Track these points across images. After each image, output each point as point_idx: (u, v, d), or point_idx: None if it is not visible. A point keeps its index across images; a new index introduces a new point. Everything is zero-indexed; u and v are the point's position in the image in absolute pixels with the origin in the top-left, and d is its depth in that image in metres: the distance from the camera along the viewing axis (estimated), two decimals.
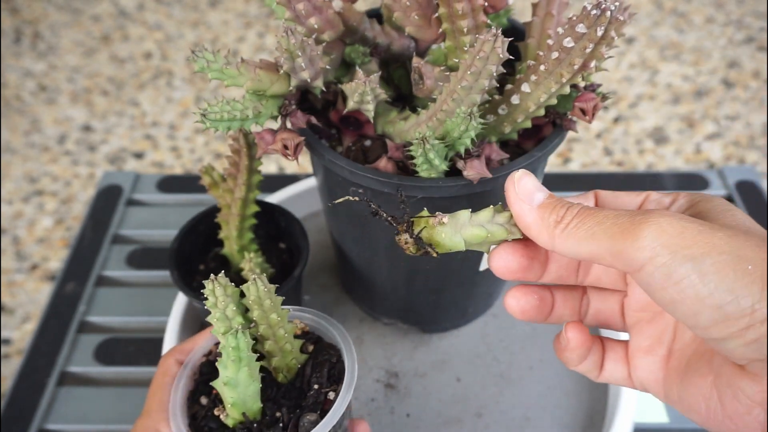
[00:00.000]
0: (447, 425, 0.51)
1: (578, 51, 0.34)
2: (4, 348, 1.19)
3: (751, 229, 0.28)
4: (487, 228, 0.33)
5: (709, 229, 0.26)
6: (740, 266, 0.25)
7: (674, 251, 0.25)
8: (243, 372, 0.34)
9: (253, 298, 0.36)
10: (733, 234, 0.26)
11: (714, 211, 0.29)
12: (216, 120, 0.38)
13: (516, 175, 0.31)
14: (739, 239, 0.26)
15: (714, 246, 0.25)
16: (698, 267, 0.25)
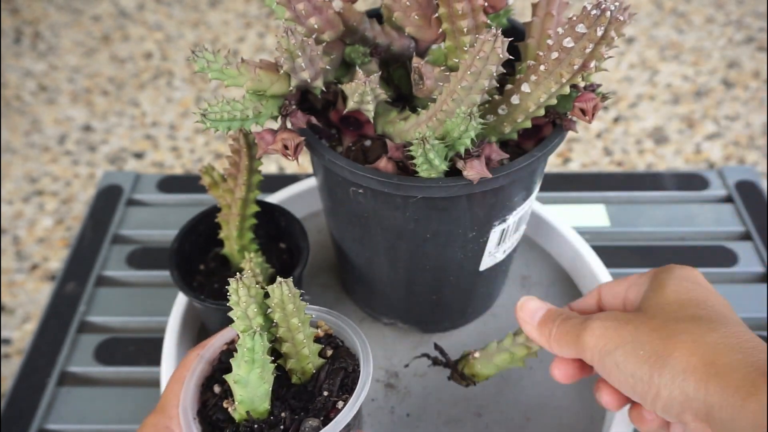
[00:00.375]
0: (447, 425, 0.51)
1: (578, 51, 0.34)
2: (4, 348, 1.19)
3: (682, 303, 0.35)
4: (511, 350, 0.45)
5: (623, 324, 0.34)
6: (636, 352, 0.33)
7: (599, 350, 0.35)
8: (254, 373, 0.34)
9: (276, 301, 0.35)
10: (640, 321, 0.34)
11: (667, 280, 0.37)
12: (216, 120, 0.38)
13: (520, 302, 0.42)
14: (642, 326, 0.34)
15: (622, 338, 0.34)
16: (613, 359, 0.34)
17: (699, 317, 0.33)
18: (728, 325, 0.32)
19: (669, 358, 0.31)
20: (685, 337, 0.32)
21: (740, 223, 0.68)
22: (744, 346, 0.31)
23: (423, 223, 0.43)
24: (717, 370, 0.30)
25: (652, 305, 0.35)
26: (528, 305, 0.41)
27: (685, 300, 0.35)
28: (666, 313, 0.34)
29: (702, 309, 0.34)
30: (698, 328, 0.32)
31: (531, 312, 0.41)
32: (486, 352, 0.45)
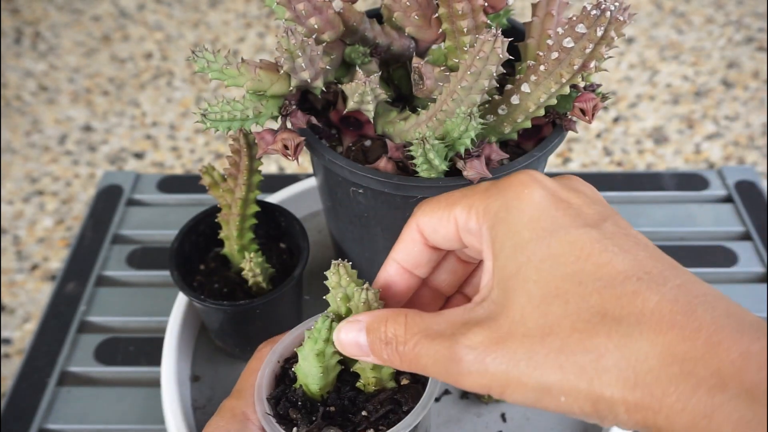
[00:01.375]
0: (447, 425, 0.51)
1: (578, 51, 0.34)
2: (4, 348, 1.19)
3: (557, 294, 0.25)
4: None
5: (518, 358, 0.25)
6: (544, 397, 0.25)
7: (502, 392, 0.26)
8: (312, 351, 0.34)
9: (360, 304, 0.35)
10: (535, 353, 0.25)
11: (521, 245, 0.27)
12: (216, 120, 0.38)
13: (336, 342, 0.32)
14: (539, 358, 0.25)
15: (525, 383, 0.25)
16: (530, 402, 0.26)
17: (599, 314, 0.24)
18: (645, 315, 0.24)
19: (601, 399, 0.24)
20: (606, 365, 0.23)
21: (740, 223, 0.68)
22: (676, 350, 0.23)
23: None
24: (661, 406, 0.23)
25: (520, 302, 0.26)
26: (342, 340, 0.32)
27: (562, 278, 0.25)
28: (554, 322, 0.25)
29: (595, 292, 0.25)
30: (612, 338, 0.24)
31: (352, 344, 0.31)
32: None
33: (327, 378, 0.36)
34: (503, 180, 0.29)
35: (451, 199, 0.31)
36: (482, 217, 0.28)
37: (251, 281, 0.50)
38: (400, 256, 0.34)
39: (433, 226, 0.31)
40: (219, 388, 0.54)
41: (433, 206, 0.31)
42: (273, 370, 0.38)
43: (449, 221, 0.30)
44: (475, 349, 0.26)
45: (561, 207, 0.27)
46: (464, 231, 0.30)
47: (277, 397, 0.37)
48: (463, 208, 0.29)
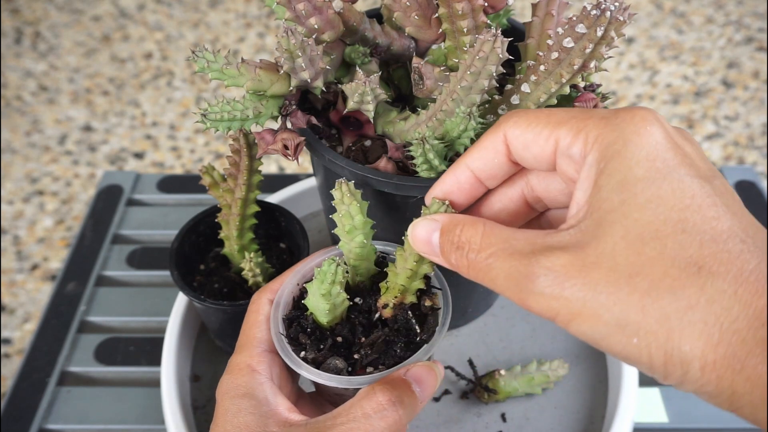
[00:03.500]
0: (447, 425, 0.51)
1: (578, 51, 0.34)
2: (4, 348, 1.19)
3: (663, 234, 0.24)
4: (533, 375, 0.51)
5: (589, 286, 0.24)
6: (621, 336, 0.24)
7: (557, 319, 0.25)
8: (318, 290, 0.36)
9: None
10: (619, 290, 0.24)
11: (630, 181, 0.25)
12: (216, 120, 0.38)
13: (409, 237, 0.32)
14: (619, 289, 0.24)
15: (600, 315, 0.24)
16: (592, 337, 0.25)
17: (695, 266, 0.23)
18: (743, 275, 0.23)
19: (677, 352, 0.23)
20: (692, 318, 0.23)
21: None
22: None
23: None
24: (743, 367, 0.22)
25: (614, 236, 0.25)
26: (415, 235, 0.31)
27: (664, 222, 0.24)
28: (646, 262, 0.24)
29: (695, 243, 0.24)
30: (704, 292, 0.23)
31: (422, 243, 0.31)
32: (510, 372, 0.51)
33: (334, 313, 0.38)
34: (622, 110, 0.27)
35: (556, 116, 0.28)
36: (592, 145, 0.27)
37: (251, 281, 0.50)
38: (475, 165, 0.31)
39: (525, 141, 0.29)
40: None
41: (531, 119, 0.29)
42: (292, 291, 0.40)
43: (548, 140, 0.28)
44: (554, 271, 0.25)
45: (678, 152, 0.26)
46: (563, 155, 0.28)
47: (291, 319, 0.39)
48: (570, 131, 0.28)
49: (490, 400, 0.51)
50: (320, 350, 0.38)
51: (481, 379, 0.52)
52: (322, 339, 0.38)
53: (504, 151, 0.30)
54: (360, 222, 0.37)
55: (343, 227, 0.38)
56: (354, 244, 0.38)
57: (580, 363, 0.55)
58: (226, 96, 0.40)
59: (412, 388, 0.35)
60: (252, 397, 0.36)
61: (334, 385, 0.36)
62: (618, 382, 0.51)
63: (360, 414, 0.33)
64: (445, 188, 0.33)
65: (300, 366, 0.37)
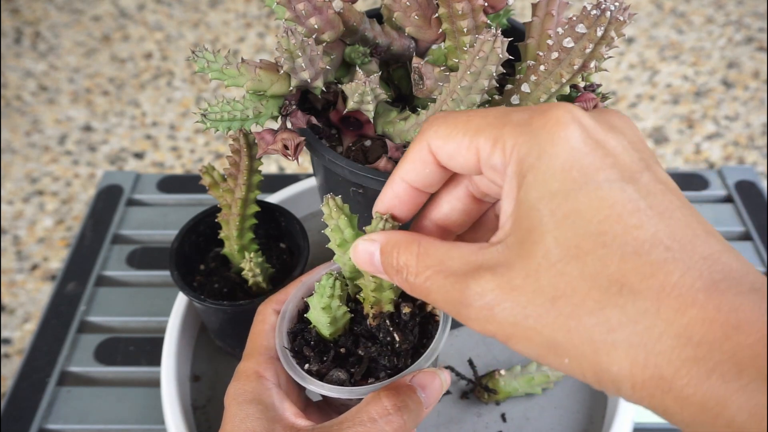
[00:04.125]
0: (447, 425, 0.51)
1: (578, 51, 0.34)
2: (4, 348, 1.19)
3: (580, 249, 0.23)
4: (533, 375, 0.51)
5: (528, 314, 0.24)
6: (548, 352, 0.24)
7: (507, 341, 0.25)
8: (319, 304, 0.37)
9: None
10: (546, 312, 0.24)
11: (546, 197, 0.24)
12: (216, 120, 0.38)
13: (352, 257, 0.32)
14: (549, 318, 0.24)
15: (532, 337, 0.24)
16: (534, 355, 0.25)
17: (617, 284, 0.23)
18: (665, 290, 0.22)
19: (606, 373, 0.23)
20: (616, 338, 0.22)
21: (740, 223, 0.68)
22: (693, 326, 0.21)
23: None
24: (671, 388, 0.22)
25: (536, 257, 0.24)
26: (358, 256, 0.31)
27: (584, 237, 0.23)
28: (568, 283, 0.23)
29: (616, 258, 0.23)
30: (626, 313, 0.22)
31: (367, 262, 0.31)
32: (510, 372, 0.51)
33: (336, 325, 0.38)
34: (537, 113, 0.26)
35: (473, 123, 0.27)
36: (509, 156, 0.26)
37: (251, 281, 0.50)
38: (409, 176, 0.31)
39: (448, 152, 0.28)
40: (219, 388, 0.54)
41: (450, 128, 0.28)
42: (296, 305, 0.41)
43: (469, 150, 0.27)
44: (484, 296, 0.25)
45: (597, 153, 0.24)
46: (486, 165, 0.27)
47: (295, 332, 0.40)
48: (488, 140, 0.26)
49: (490, 400, 0.51)
50: (323, 362, 0.38)
51: (481, 379, 0.52)
52: (326, 351, 0.39)
53: (432, 161, 0.29)
54: (350, 235, 0.38)
55: (334, 241, 0.38)
56: (347, 258, 0.39)
57: None
58: (226, 96, 0.40)
59: (417, 394, 0.35)
60: (259, 403, 0.36)
61: (337, 396, 0.37)
62: None
63: (366, 418, 0.34)
64: (386, 202, 0.32)
65: (304, 378, 0.37)
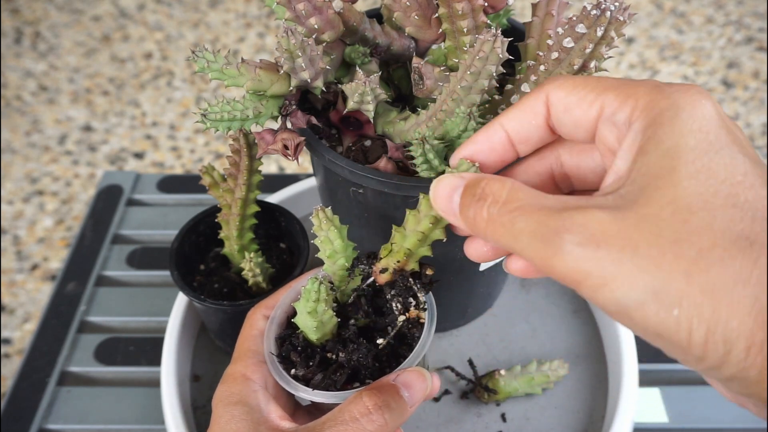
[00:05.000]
0: (447, 425, 0.51)
1: (578, 51, 0.34)
2: (4, 348, 1.19)
3: (712, 206, 0.22)
4: (533, 376, 0.51)
5: (628, 248, 0.22)
6: (659, 306, 0.22)
7: (586, 284, 0.23)
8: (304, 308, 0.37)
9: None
10: (662, 256, 0.22)
11: (679, 148, 0.24)
12: (216, 120, 0.38)
13: (430, 192, 0.29)
14: (663, 258, 0.22)
15: (638, 280, 0.22)
16: (624, 307, 0.22)
17: (747, 240, 0.21)
18: None
19: (722, 328, 0.21)
20: (742, 293, 0.21)
21: None
22: None
23: None
24: None
25: (660, 202, 0.23)
26: (438, 191, 0.29)
27: (714, 194, 0.22)
28: (693, 230, 0.22)
29: (747, 218, 0.22)
30: (757, 266, 0.21)
31: (443, 200, 0.29)
32: (510, 372, 0.51)
33: (323, 330, 0.39)
34: (675, 84, 0.26)
35: (604, 82, 0.27)
36: (641, 111, 0.25)
37: (251, 281, 0.50)
38: (511, 125, 0.30)
39: (568, 103, 0.28)
40: None
41: (578, 83, 0.28)
42: (285, 311, 0.42)
43: (592, 105, 0.27)
44: (589, 228, 0.23)
45: (729, 132, 0.25)
46: (606, 120, 0.27)
47: (283, 337, 0.40)
48: (618, 96, 0.26)
49: (490, 400, 0.51)
50: (309, 367, 0.39)
51: (481, 379, 0.52)
52: (312, 356, 0.39)
53: (543, 113, 0.29)
54: (340, 246, 0.38)
55: (324, 252, 0.39)
56: (336, 267, 0.39)
57: (580, 363, 0.55)
58: (226, 96, 0.40)
59: (400, 393, 0.35)
60: (245, 405, 0.37)
61: (322, 401, 0.37)
62: (618, 382, 0.51)
63: (348, 417, 0.34)
64: (476, 147, 0.31)
65: (290, 384, 0.38)
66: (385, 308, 0.42)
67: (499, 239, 0.26)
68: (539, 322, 0.58)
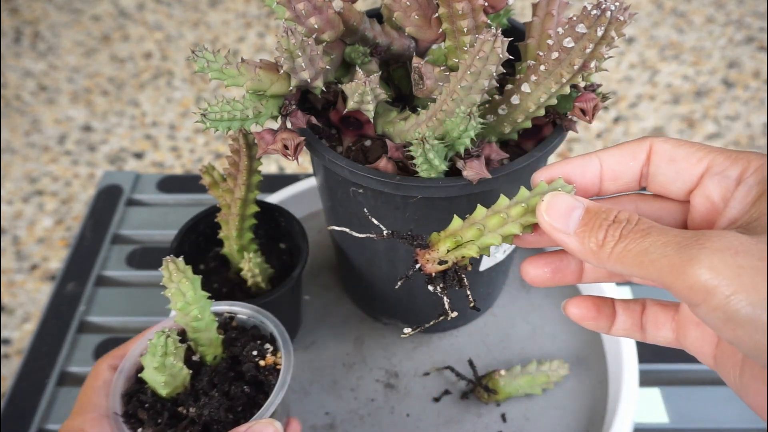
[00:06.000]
0: (447, 425, 0.51)
1: (578, 51, 0.34)
2: (4, 348, 1.19)
3: None
4: (533, 376, 0.51)
5: (761, 267, 0.23)
6: None
7: (718, 295, 0.23)
8: (152, 363, 0.37)
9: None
10: None
11: None
12: (216, 120, 0.38)
13: (543, 204, 0.29)
14: None
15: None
16: (752, 318, 0.22)
17: None
18: None
19: None
20: None
21: None
22: None
23: (423, 223, 0.43)
24: None
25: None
26: (556, 207, 0.29)
27: None
28: None
29: None
30: None
31: (561, 217, 0.29)
32: (510, 372, 0.51)
33: (173, 384, 0.38)
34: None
35: (709, 147, 0.29)
36: (754, 170, 0.27)
37: (250, 281, 0.50)
38: (608, 161, 0.31)
39: (674, 155, 0.29)
40: None
41: (682, 141, 0.30)
42: (134, 364, 0.40)
43: (700, 161, 0.29)
44: (727, 240, 0.24)
45: None
46: (716, 175, 0.28)
47: (131, 394, 0.39)
48: (728, 158, 0.28)
49: (490, 400, 0.51)
50: (158, 425, 0.38)
51: (481, 379, 0.52)
52: (162, 412, 0.38)
53: (643, 159, 0.30)
54: (192, 298, 0.38)
55: (175, 304, 0.38)
56: (189, 319, 0.39)
57: (580, 363, 0.55)
58: (226, 96, 0.40)
59: None
60: None
61: None
62: (618, 383, 0.51)
63: None
64: (569, 169, 0.31)
65: None
66: (241, 356, 0.42)
67: (623, 258, 0.26)
68: (539, 322, 0.58)
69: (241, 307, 0.44)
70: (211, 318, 0.40)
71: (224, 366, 0.41)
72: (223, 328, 0.44)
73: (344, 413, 0.52)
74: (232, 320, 0.44)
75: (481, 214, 0.32)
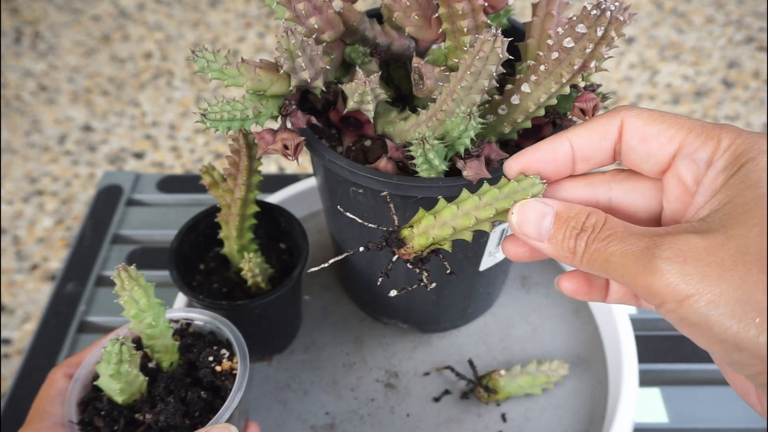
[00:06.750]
0: (447, 425, 0.51)
1: (578, 51, 0.34)
2: (4, 348, 1.19)
3: None
4: (533, 375, 0.51)
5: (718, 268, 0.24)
6: (744, 314, 0.23)
7: (679, 300, 0.24)
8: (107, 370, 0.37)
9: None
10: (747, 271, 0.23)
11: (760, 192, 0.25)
12: (216, 120, 0.38)
13: (514, 215, 0.29)
14: (750, 276, 0.23)
15: (721, 292, 0.23)
16: (700, 320, 0.24)
17: None
18: None
19: None
20: None
21: None
22: None
23: None
24: None
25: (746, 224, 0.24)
26: (524, 217, 0.29)
27: None
28: None
29: None
30: None
31: (531, 227, 0.29)
32: (510, 372, 0.51)
33: (129, 391, 0.38)
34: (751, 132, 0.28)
35: (682, 120, 0.28)
36: (723, 152, 0.27)
37: (250, 281, 0.50)
38: (578, 142, 0.30)
39: (645, 133, 0.28)
40: None
41: (656, 116, 0.29)
42: (90, 372, 0.40)
43: (671, 140, 0.28)
44: (678, 247, 0.24)
45: None
46: (686, 158, 0.28)
47: (86, 401, 0.39)
48: (699, 137, 0.27)
49: (490, 400, 0.51)
50: (114, 431, 0.38)
51: (481, 379, 0.52)
52: (118, 419, 0.38)
53: (614, 137, 0.29)
54: (145, 305, 0.38)
55: (129, 312, 0.38)
56: (143, 326, 0.39)
57: (580, 363, 0.55)
58: (226, 96, 0.40)
59: None
60: None
61: None
62: (618, 383, 0.51)
63: None
64: (537, 156, 0.31)
65: None
66: (197, 362, 0.42)
67: (592, 265, 0.27)
68: (539, 322, 0.58)
69: (197, 314, 0.44)
70: (166, 325, 0.40)
71: (181, 372, 0.41)
72: (180, 334, 0.44)
73: (344, 413, 0.52)
74: (188, 326, 0.45)
75: (450, 213, 0.32)
